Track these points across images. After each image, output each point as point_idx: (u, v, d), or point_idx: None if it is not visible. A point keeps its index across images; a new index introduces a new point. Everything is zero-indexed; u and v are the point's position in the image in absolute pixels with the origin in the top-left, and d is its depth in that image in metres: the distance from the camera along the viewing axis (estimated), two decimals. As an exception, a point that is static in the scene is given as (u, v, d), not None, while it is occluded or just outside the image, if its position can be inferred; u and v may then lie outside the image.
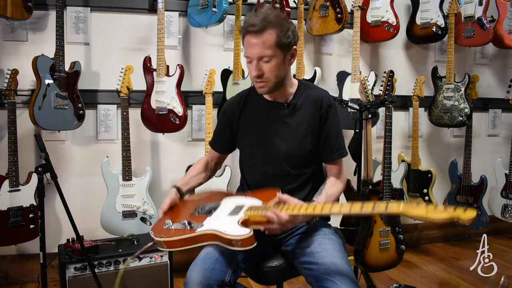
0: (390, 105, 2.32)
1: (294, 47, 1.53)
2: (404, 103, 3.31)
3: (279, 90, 1.58)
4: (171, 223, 1.42)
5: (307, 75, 2.83)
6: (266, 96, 1.64)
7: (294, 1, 2.81)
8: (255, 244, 1.29)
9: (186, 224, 1.39)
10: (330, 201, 1.54)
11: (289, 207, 1.34)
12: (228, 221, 1.39)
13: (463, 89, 3.03)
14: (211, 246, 1.50)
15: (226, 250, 1.47)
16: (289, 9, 2.75)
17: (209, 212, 1.49)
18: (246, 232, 1.29)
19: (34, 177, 2.42)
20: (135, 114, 2.65)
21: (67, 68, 2.45)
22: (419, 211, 1.11)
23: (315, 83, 2.75)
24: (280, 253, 1.63)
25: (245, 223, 1.36)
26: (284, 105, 1.61)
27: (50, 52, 2.44)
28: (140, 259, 2.18)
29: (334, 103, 1.63)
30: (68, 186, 2.62)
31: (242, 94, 1.73)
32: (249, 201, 1.50)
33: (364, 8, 2.88)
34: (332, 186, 1.62)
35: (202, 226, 1.37)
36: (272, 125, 1.63)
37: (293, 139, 1.60)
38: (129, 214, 2.52)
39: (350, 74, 2.88)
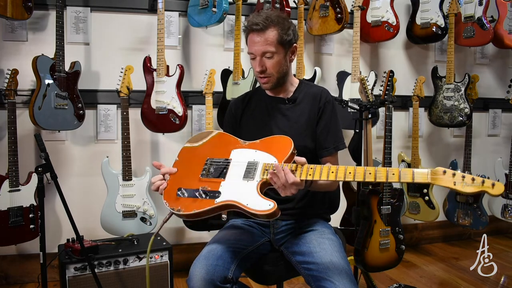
0: (390, 105, 2.32)
1: (295, 44, 1.64)
2: (404, 103, 3.31)
3: (281, 86, 1.68)
4: (185, 191, 1.37)
5: (307, 75, 2.83)
6: (269, 92, 1.73)
7: (294, 1, 2.81)
8: (279, 215, 1.29)
9: (202, 194, 1.35)
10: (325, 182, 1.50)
11: (303, 171, 1.31)
12: (247, 189, 1.34)
13: (463, 89, 3.03)
14: (215, 243, 1.51)
15: (229, 247, 1.48)
16: (289, 9, 2.75)
17: (221, 173, 1.42)
18: (270, 207, 1.27)
19: (34, 177, 2.42)
20: (135, 114, 2.65)
21: (67, 68, 2.45)
22: (446, 182, 1.09)
23: (315, 83, 2.75)
24: (280, 253, 1.63)
25: (263, 185, 1.34)
26: (285, 100, 1.70)
27: (50, 52, 2.44)
28: (140, 259, 2.18)
29: (332, 99, 1.71)
30: (68, 186, 2.63)
31: (248, 93, 1.85)
32: (261, 157, 1.42)
33: (364, 8, 2.89)
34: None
35: (219, 195, 1.34)
36: (273, 118, 1.70)
37: (293, 132, 1.64)
38: (129, 214, 2.52)
39: (350, 74, 2.88)
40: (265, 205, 1.28)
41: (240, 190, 1.34)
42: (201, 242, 2.88)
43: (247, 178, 1.38)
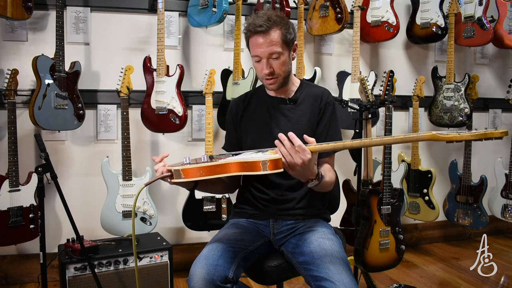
0: (390, 105, 2.32)
1: (296, 42, 1.65)
2: (404, 103, 3.31)
3: (285, 86, 1.68)
4: (189, 159, 1.35)
5: (307, 75, 2.83)
6: (270, 92, 1.73)
7: (294, 1, 2.81)
8: (282, 170, 1.25)
9: (207, 158, 1.34)
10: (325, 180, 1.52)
11: (311, 145, 1.34)
12: (254, 155, 1.36)
13: (463, 89, 3.03)
14: (215, 242, 1.51)
15: (230, 247, 1.48)
16: (289, 9, 2.75)
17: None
18: (275, 155, 1.25)
19: (34, 177, 2.42)
20: (135, 114, 2.65)
21: (67, 68, 2.45)
22: (451, 135, 1.14)
23: (315, 83, 2.75)
24: (279, 253, 1.63)
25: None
26: (286, 100, 1.70)
27: (50, 52, 2.44)
28: (140, 259, 2.18)
29: (333, 100, 1.71)
30: (68, 186, 2.63)
31: (248, 93, 1.83)
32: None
33: (364, 8, 2.89)
34: (329, 170, 1.61)
35: (225, 160, 1.30)
36: (274, 119, 1.69)
37: (293, 132, 1.61)
38: (129, 214, 2.52)
39: (350, 74, 2.88)
40: (270, 155, 1.26)
41: (246, 157, 1.33)
42: (201, 242, 2.88)
43: (255, 152, 1.41)
